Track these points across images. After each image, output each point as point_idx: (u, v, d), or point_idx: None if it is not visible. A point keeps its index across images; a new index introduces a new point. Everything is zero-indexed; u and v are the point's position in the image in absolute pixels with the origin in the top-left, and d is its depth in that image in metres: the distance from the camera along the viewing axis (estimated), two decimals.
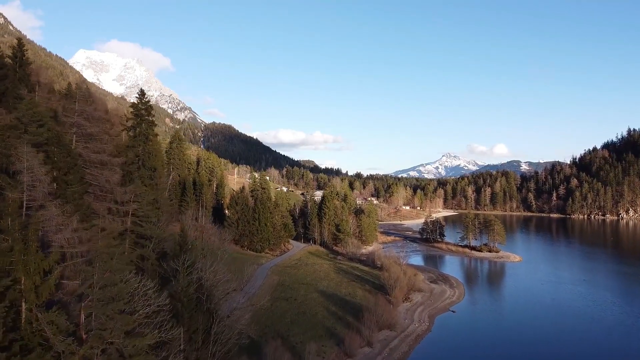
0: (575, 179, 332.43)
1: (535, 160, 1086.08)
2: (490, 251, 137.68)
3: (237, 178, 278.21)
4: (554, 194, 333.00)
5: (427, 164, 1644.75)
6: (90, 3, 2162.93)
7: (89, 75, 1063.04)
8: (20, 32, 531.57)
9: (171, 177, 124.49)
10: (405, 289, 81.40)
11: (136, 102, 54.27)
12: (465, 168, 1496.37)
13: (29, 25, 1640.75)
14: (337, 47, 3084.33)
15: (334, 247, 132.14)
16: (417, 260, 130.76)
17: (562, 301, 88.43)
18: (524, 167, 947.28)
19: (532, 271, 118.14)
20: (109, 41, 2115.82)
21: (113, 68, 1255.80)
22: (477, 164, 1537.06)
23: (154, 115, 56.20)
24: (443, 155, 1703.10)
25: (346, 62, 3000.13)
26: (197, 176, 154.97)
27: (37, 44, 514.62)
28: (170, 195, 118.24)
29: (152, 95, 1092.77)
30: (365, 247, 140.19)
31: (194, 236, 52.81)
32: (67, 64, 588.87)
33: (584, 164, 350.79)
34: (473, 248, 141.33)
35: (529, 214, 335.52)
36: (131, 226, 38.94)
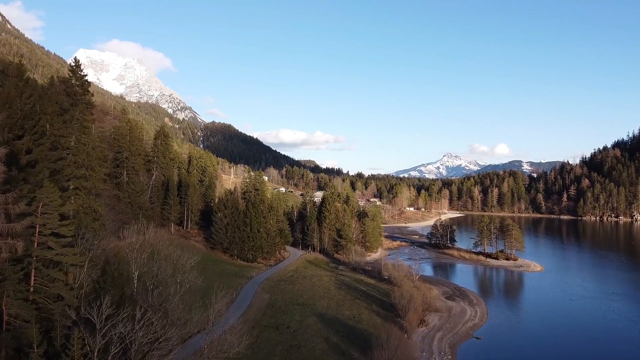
0: (586, 179, 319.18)
1: (537, 160, 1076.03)
2: (507, 259, 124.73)
3: (233, 178, 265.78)
4: (565, 195, 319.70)
5: (428, 164, 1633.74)
6: (91, 3, 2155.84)
7: (89, 75, 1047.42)
8: (18, 30, 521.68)
9: (154, 177, 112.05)
10: (420, 310, 68.65)
11: (69, 75, 41.08)
12: (467, 168, 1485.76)
13: (31, 26, 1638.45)
14: (338, 47, 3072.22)
15: (335, 255, 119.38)
16: (427, 269, 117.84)
17: (598, 321, 76.59)
18: (526, 167, 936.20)
19: (557, 283, 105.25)
20: (110, 41, 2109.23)
21: (113, 68, 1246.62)
22: (478, 164, 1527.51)
23: (92, 95, 43.29)
24: (444, 155, 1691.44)
25: (347, 63, 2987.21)
26: (188, 176, 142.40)
27: (35, 43, 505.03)
28: (152, 197, 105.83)
29: (153, 95, 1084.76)
30: (369, 254, 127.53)
31: (150, 253, 40.00)
32: (65, 62, 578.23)
33: (595, 164, 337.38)
34: (488, 255, 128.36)
35: (538, 215, 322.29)
36: (37, 250, 26.21)
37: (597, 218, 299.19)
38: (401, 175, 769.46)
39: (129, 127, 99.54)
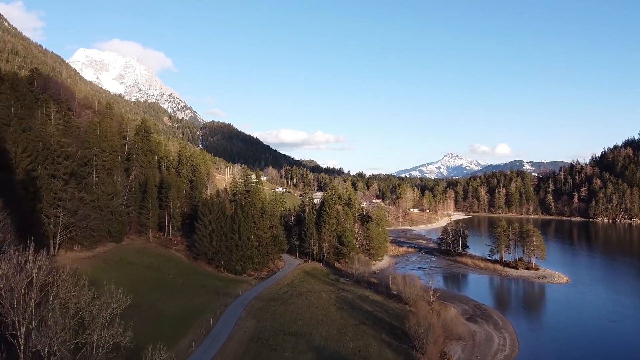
0: (598, 179, 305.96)
1: (538, 160, 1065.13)
2: (527, 268, 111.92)
3: (228, 178, 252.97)
4: (575, 196, 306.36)
5: (429, 164, 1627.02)
6: (91, 3, 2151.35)
7: (89, 74, 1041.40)
8: (15, 28, 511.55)
9: (131, 177, 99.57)
10: (441, 340, 55.98)
11: None
12: (468, 168, 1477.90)
13: (32, 26, 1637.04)
14: (339, 47, 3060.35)
15: (336, 264, 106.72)
16: (439, 280, 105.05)
17: None
18: (527, 167, 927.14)
19: (588, 298, 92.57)
20: (110, 40, 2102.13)
21: (113, 67, 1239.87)
22: (479, 164, 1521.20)
23: None
24: (445, 155, 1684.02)
25: (348, 63, 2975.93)
26: (177, 176, 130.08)
27: (33, 41, 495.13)
28: (128, 200, 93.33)
29: (153, 94, 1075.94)
30: (374, 262, 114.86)
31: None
32: (63, 60, 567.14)
33: (606, 163, 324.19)
34: (506, 264, 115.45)
35: (548, 217, 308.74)
36: None
37: (610, 220, 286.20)
38: (402, 175, 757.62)
39: (99, 121, 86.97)
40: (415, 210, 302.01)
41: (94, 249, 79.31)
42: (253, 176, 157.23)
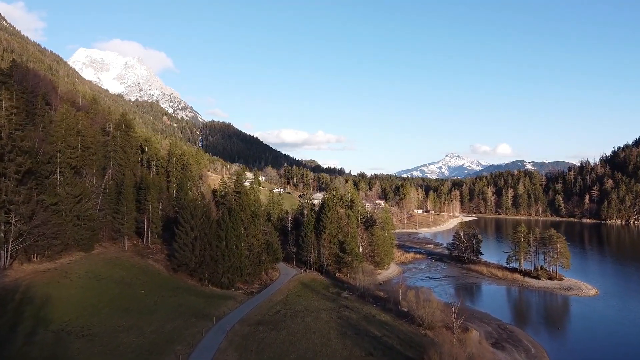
0: (609, 180, 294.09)
1: (539, 160, 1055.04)
2: (550, 278, 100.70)
3: (225, 179, 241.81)
4: (586, 197, 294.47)
5: (430, 164, 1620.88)
6: (92, 3, 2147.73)
7: (89, 74, 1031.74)
8: (14, 27, 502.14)
9: (107, 176, 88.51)
10: None
11: None
12: (469, 168, 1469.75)
13: (33, 27, 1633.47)
14: (340, 47, 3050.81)
15: (338, 275, 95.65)
16: (451, 292, 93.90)
17: None
18: (529, 167, 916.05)
19: (625, 315, 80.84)
20: (111, 40, 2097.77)
21: (113, 67, 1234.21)
22: (480, 164, 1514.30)
23: None
24: (446, 155, 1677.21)
25: (349, 63, 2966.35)
26: (166, 175, 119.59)
27: (31, 40, 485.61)
28: (102, 203, 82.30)
29: (153, 94, 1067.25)
30: (379, 271, 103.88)
31: None
32: (62, 60, 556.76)
33: (618, 163, 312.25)
34: (526, 274, 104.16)
35: (558, 218, 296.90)
36: None
37: (623, 222, 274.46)
38: (404, 175, 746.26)
39: (64, 112, 75.93)
40: (420, 211, 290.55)
41: (57, 259, 68.39)
42: (250, 175, 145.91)
